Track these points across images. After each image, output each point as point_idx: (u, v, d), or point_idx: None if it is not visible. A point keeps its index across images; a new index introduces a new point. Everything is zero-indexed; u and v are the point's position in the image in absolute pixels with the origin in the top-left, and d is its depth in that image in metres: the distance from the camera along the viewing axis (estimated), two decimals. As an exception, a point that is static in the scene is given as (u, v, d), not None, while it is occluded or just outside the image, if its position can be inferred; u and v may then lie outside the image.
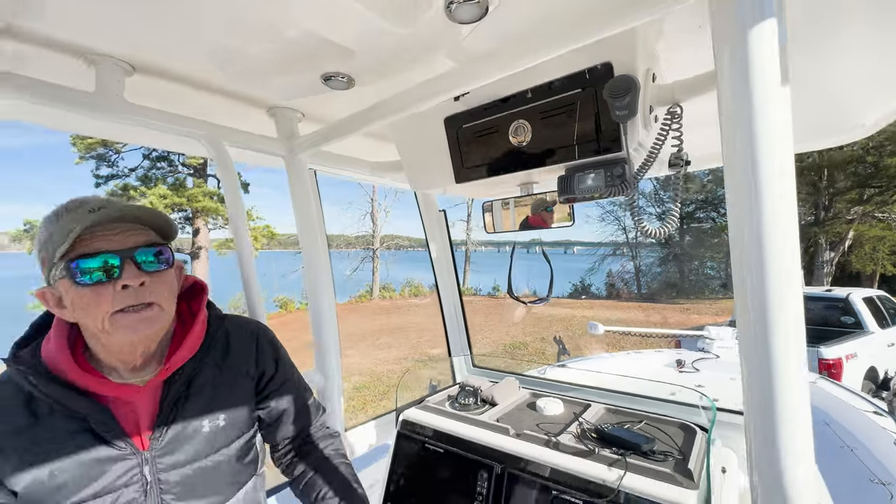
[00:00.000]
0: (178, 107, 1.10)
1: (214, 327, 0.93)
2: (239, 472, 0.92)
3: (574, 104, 1.02)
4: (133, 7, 0.76)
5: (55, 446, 0.75)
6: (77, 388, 0.76)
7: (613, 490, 0.98)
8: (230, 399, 0.91)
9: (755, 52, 0.54)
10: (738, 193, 0.57)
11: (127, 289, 0.75)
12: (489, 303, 18.32)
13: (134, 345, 0.80)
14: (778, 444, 0.56)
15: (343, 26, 0.81)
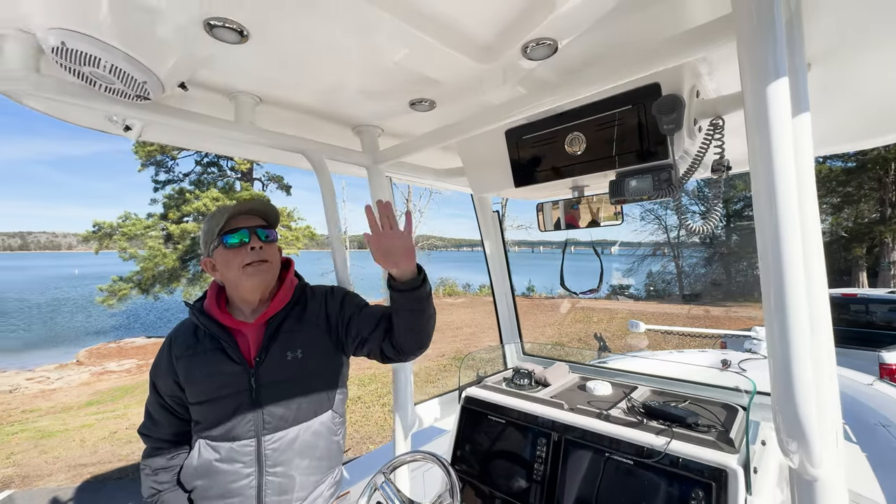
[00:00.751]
0: (288, 128, 1.35)
1: (298, 293, 1.31)
2: (318, 398, 1.26)
3: (625, 118, 1.17)
4: (266, 56, 0.99)
5: (203, 357, 1.20)
6: (218, 322, 1.21)
7: (661, 453, 1.13)
8: (304, 342, 1.25)
9: (773, 78, 0.65)
10: (760, 199, 0.68)
11: (252, 250, 1.19)
12: (524, 303, 18.28)
13: (255, 288, 1.22)
14: (803, 423, 0.63)
15: (435, 64, 1.02)
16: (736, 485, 1.02)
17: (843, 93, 1.18)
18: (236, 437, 1.17)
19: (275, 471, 1.19)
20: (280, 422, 1.20)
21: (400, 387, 1.64)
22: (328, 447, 1.29)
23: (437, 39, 0.88)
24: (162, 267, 16.52)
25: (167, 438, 1.26)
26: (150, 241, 16.43)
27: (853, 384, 3.34)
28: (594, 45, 0.92)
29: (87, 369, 11.94)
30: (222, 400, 1.18)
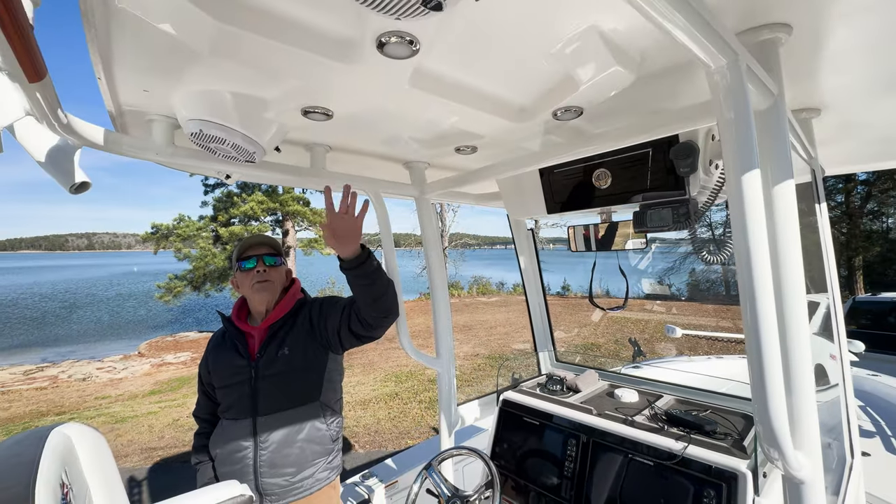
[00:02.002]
0: (350, 167, 1.58)
1: (298, 305, 1.63)
2: (304, 388, 1.57)
3: (647, 159, 1.32)
4: (343, 125, 1.21)
5: (224, 353, 1.58)
6: (235, 326, 1.59)
7: (678, 456, 1.28)
8: (292, 342, 1.56)
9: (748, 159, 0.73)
10: (737, 232, 0.75)
11: (258, 273, 1.56)
12: (559, 302, 18.10)
13: (261, 301, 1.58)
14: (778, 432, 0.74)
15: (478, 124, 1.21)
16: (745, 487, 1.15)
17: (850, 130, 1.28)
18: (238, 416, 1.53)
19: (266, 447, 1.51)
20: (271, 406, 1.53)
21: (443, 389, 1.85)
22: (316, 432, 1.57)
23: (482, 109, 1.08)
24: (212, 266, 17.65)
25: (206, 417, 1.67)
26: (201, 242, 17.60)
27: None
28: (615, 111, 1.09)
29: (147, 361, 13.00)
30: (232, 386, 1.55)
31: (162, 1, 0.65)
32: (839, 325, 1.42)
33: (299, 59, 0.82)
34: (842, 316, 1.43)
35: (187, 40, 0.75)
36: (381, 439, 5.46)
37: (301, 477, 1.54)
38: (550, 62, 0.90)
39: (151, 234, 17.79)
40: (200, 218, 18.28)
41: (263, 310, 1.61)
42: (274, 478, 1.50)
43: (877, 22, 0.77)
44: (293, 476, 1.53)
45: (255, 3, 0.70)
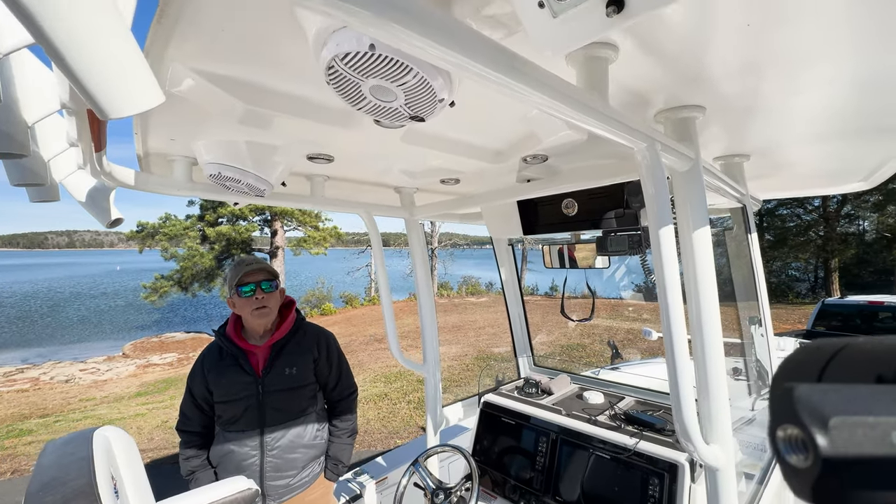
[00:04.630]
0: (345, 191, 1.75)
1: (297, 325, 1.82)
2: (305, 402, 1.77)
3: (607, 193, 1.52)
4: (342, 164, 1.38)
5: (224, 370, 1.69)
6: (236, 344, 1.71)
7: (630, 450, 1.48)
8: (299, 362, 1.76)
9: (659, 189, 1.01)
10: (657, 259, 0.93)
11: (257, 299, 1.69)
12: (546, 302, 18.40)
13: (260, 325, 1.74)
14: (689, 428, 0.92)
15: (460, 164, 1.39)
16: (683, 475, 1.36)
17: (779, 168, 1.50)
18: (245, 428, 1.68)
19: (273, 453, 1.68)
20: (278, 418, 1.70)
21: (430, 392, 2.04)
22: (314, 438, 1.78)
23: (463, 154, 1.26)
24: (199, 266, 17.54)
25: (198, 431, 1.74)
26: (188, 241, 17.48)
27: None
28: (575, 159, 1.28)
29: (132, 362, 12.91)
30: (237, 401, 1.67)
31: (202, 89, 0.82)
32: (767, 331, 1.64)
33: (309, 125, 1.00)
34: (770, 323, 1.65)
35: (217, 115, 0.92)
36: (371, 439, 5.61)
37: (300, 477, 1.72)
38: (518, 123, 1.09)
39: (137, 232, 17.59)
40: (187, 217, 18.14)
41: (262, 330, 1.75)
42: (277, 480, 1.68)
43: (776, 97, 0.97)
44: (293, 478, 1.71)
45: (277, 88, 0.87)
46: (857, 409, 0.18)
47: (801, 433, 0.19)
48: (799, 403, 0.19)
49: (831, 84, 0.87)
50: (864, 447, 0.18)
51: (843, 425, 0.18)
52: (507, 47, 0.54)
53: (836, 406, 0.19)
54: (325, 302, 20.73)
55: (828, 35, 0.69)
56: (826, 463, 0.18)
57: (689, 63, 0.78)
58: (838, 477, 0.18)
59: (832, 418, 0.18)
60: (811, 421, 0.19)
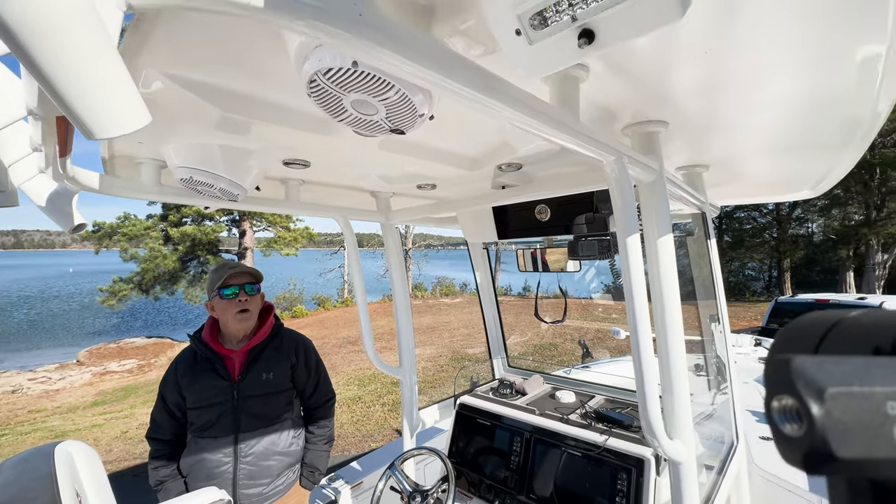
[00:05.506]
0: (321, 195, 1.74)
1: (275, 330, 1.81)
2: (282, 408, 1.75)
3: (579, 200, 1.58)
4: (319, 169, 1.37)
5: (198, 375, 1.65)
6: (212, 349, 1.67)
7: (600, 447, 1.54)
8: (276, 367, 1.74)
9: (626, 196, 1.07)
10: (624, 265, 0.99)
11: (241, 302, 1.67)
12: (520, 303, 18.67)
13: (241, 329, 1.71)
14: (654, 425, 0.99)
15: (437, 171, 1.41)
16: (649, 469, 1.43)
17: (737, 177, 1.60)
18: (219, 434, 1.65)
19: (247, 460, 1.66)
20: (253, 424, 1.68)
21: (406, 395, 2.04)
22: (289, 445, 1.76)
23: (439, 161, 1.28)
24: (162, 268, 16.78)
25: (169, 439, 1.69)
26: (150, 242, 16.69)
27: None
28: (548, 167, 1.33)
29: (87, 370, 12.20)
30: (211, 407, 1.65)
31: (175, 95, 0.80)
32: (725, 329, 1.75)
33: (286, 132, 0.99)
34: (727, 321, 1.76)
35: (190, 120, 0.90)
36: (345, 444, 5.54)
37: (274, 485, 1.69)
38: (493, 134, 1.12)
39: (93, 232, 16.64)
40: (149, 217, 17.31)
41: (242, 335, 1.72)
42: (251, 489, 1.64)
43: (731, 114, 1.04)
44: (267, 486, 1.68)
45: (255, 95, 0.86)
46: (853, 379, 0.19)
47: (796, 403, 0.19)
48: (795, 374, 0.20)
49: (778, 105, 0.95)
50: (859, 417, 0.18)
51: (839, 395, 0.19)
52: (485, 67, 0.56)
53: (832, 377, 0.19)
54: (296, 304, 20.27)
55: (774, 62, 0.75)
56: (819, 432, 0.18)
57: (654, 83, 0.83)
58: (830, 446, 0.18)
59: (828, 389, 0.19)
60: (807, 391, 0.19)
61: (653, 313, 1.08)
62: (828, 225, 21.83)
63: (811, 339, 0.23)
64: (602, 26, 0.46)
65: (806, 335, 0.23)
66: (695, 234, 1.76)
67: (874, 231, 17.35)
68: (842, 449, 0.18)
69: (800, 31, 0.66)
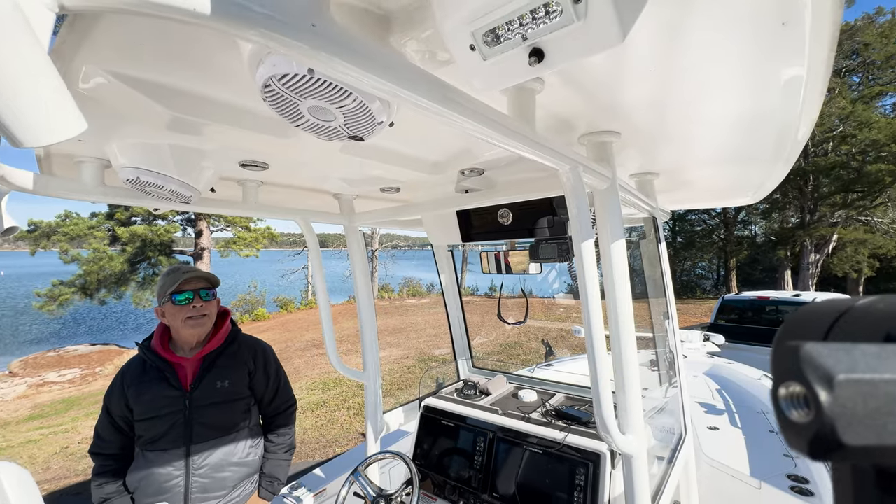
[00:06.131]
0: (282, 199, 1.69)
1: (232, 337, 1.74)
2: (238, 417, 1.70)
3: (539, 205, 1.62)
4: (278, 170, 1.34)
5: (148, 385, 1.58)
6: (162, 357, 1.60)
7: (560, 444, 1.60)
8: (233, 375, 1.69)
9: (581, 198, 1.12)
10: (579, 266, 1.05)
11: (195, 308, 1.60)
12: (486, 303, 18.90)
13: (194, 335, 1.64)
14: (607, 421, 1.04)
15: (400, 174, 1.41)
16: (605, 463, 1.50)
17: (684, 184, 1.71)
18: (169, 447, 1.57)
19: (200, 473, 1.59)
20: (206, 435, 1.61)
21: (370, 400, 2.02)
22: (246, 456, 1.71)
23: (402, 165, 1.29)
24: (108, 270, 15.71)
25: (115, 453, 1.60)
26: (94, 243, 15.58)
27: (744, 378, 4.06)
28: (510, 172, 1.36)
29: (22, 381, 11.23)
30: (161, 418, 1.56)
31: (119, 93, 0.76)
32: (674, 325, 1.86)
33: (242, 133, 0.96)
34: (676, 317, 1.87)
35: (136, 119, 0.86)
36: (308, 450, 5.41)
37: (230, 498, 1.63)
38: (455, 138, 1.13)
39: (28, 232, 15.31)
40: (93, 215, 16.16)
41: (195, 341, 1.65)
42: (205, 502, 1.57)
43: (676, 128, 1.11)
44: (222, 499, 1.61)
45: (207, 95, 0.83)
46: (864, 367, 0.19)
47: (803, 390, 0.19)
48: (804, 361, 0.19)
49: (718, 121, 1.02)
50: (868, 404, 0.18)
51: (849, 383, 0.18)
52: (443, 77, 0.58)
53: (842, 364, 0.19)
54: (257, 307, 19.54)
55: (713, 83, 0.81)
56: (827, 419, 0.18)
57: (605, 96, 0.87)
58: (838, 432, 0.18)
59: (838, 376, 0.19)
60: (816, 379, 0.19)
61: (606, 314, 1.13)
62: (769, 227, 23.62)
63: (820, 326, 0.23)
64: (551, 46, 0.48)
65: (815, 322, 0.23)
66: (647, 238, 1.86)
67: (808, 233, 18.89)
68: (850, 436, 0.18)
69: (735, 57, 0.71)
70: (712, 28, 0.62)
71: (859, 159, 17.83)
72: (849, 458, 0.19)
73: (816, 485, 2.12)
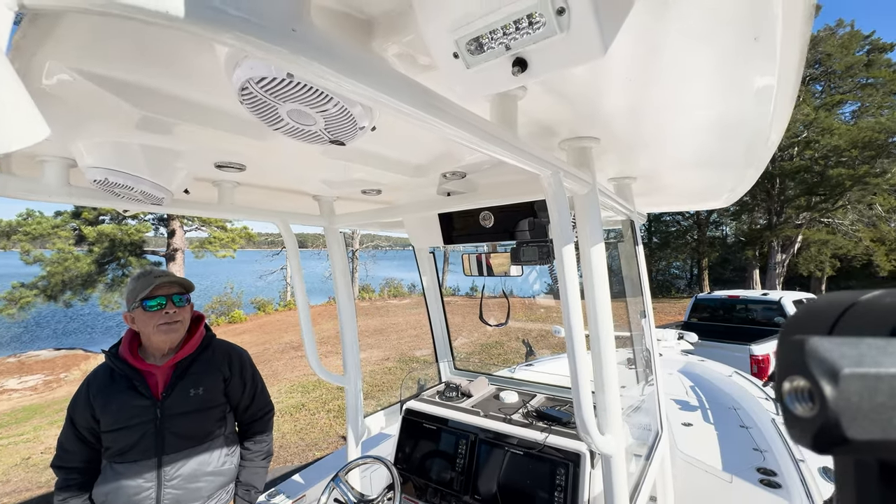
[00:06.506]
0: (259, 200, 1.65)
1: (206, 343, 1.68)
2: (213, 425, 1.64)
3: (520, 208, 1.64)
4: (254, 172, 1.30)
5: (116, 395, 1.51)
6: (131, 365, 1.53)
7: (541, 445, 1.61)
8: (207, 382, 1.63)
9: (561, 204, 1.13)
10: (560, 269, 1.08)
11: (167, 314, 1.53)
12: (467, 303, 18.96)
13: (166, 342, 1.57)
14: (587, 423, 1.05)
15: (382, 177, 1.40)
16: (585, 463, 1.52)
17: (659, 188, 1.75)
18: (139, 458, 1.50)
19: (172, 484, 1.53)
20: (179, 445, 1.55)
21: (350, 403, 2.00)
22: (222, 465, 1.66)
23: (383, 168, 1.27)
24: (74, 271, 15.05)
25: (80, 466, 1.52)
26: (59, 243, 14.89)
27: (716, 375, 4.20)
28: (491, 175, 1.37)
29: (-21, 389, 10.66)
30: (130, 428, 1.49)
31: (85, 91, 0.72)
32: (650, 324, 1.91)
33: (218, 134, 0.93)
34: (652, 316, 1.92)
35: (104, 118, 0.82)
36: (287, 454, 5.30)
37: None
38: (437, 142, 1.13)
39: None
40: (58, 214, 15.45)
41: (167, 348, 1.59)
42: None
43: (653, 134, 1.13)
44: None
45: (181, 95, 0.80)
46: (869, 361, 0.18)
47: (808, 384, 0.19)
48: (809, 355, 0.19)
49: (692, 128, 1.05)
50: (874, 399, 0.18)
51: (854, 377, 0.18)
52: (425, 83, 0.57)
53: (848, 358, 0.19)
54: (234, 309, 19.05)
55: (689, 93, 0.83)
56: (832, 413, 0.18)
57: (586, 103, 0.89)
58: (842, 427, 0.18)
59: (843, 370, 0.18)
60: (821, 373, 0.19)
61: (586, 315, 1.15)
62: (738, 228, 24.53)
63: (826, 320, 0.23)
64: (534, 57, 0.49)
65: (821, 316, 0.23)
66: (625, 239, 1.90)
67: (775, 234, 19.71)
68: (854, 430, 0.18)
69: (710, 68, 0.74)
70: (689, 41, 0.63)
71: (822, 164, 18.72)
72: (853, 452, 0.19)
73: (784, 477, 2.21)
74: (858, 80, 19.88)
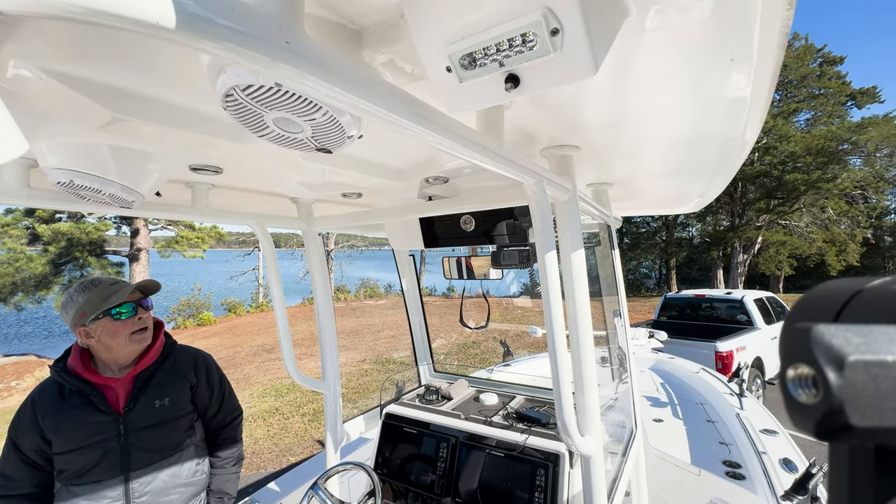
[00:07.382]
0: (235, 203, 1.60)
1: (167, 351, 1.60)
2: (181, 435, 1.58)
3: (501, 212, 1.65)
4: (232, 175, 1.27)
5: (72, 412, 1.38)
6: (85, 380, 1.41)
7: (521, 446, 1.64)
8: (173, 391, 1.55)
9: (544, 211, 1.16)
10: (542, 273, 1.11)
11: (140, 319, 1.46)
12: (444, 303, 18.99)
13: (136, 351, 1.48)
14: (568, 425, 1.08)
15: (363, 181, 1.38)
16: (564, 463, 1.55)
17: (634, 194, 1.81)
18: (102, 478, 1.39)
19: (142, 501, 1.45)
20: (148, 458, 1.47)
21: (329, 409, 1.96)
22: (193, 475, 1.60)
23: (365, 172, 1.26)
24: (27, 272, 14.17)
25: (28, 493, 1.37)
26: (9, 242, 13.99)
27: (685, 371, 4.37)
28: (473, 180, 1.37)
29: (-84, 400, 9.88)
30: (90, 447, 1.37)
31: (51, 90, 0.68)
32: (625, 323, 1.97)
33: (193, 136, 0.90)
34: (626, 315, 1.98)
35: (71, 119, 0.77)
36: (260, 461, 5.16)
37: None
38: (420, 147, 1.13)
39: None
40: (9, 211, 14.50)
41: (132, 358, 1.50)
42: None
43: (629, 145, 1.17)
44: None
45: (155, 96, 0.77)
46: (875, 348, 0.18)
47: (812, 371, 0.19)
48: (814, 343, 0.19)
49: (666, 139, 1.10)
50: (879, 386, 0.18)
51: (859, 364, 0.18)
52: (413, 93, 0.57)
53: (853, 346, 0.19)
54: (202, 311, 18.38)
55: (663, 106, 0.87)
56: (836, 400, 0.18)
57: (569, 114, 0.91)
58: (846, 414, 0.18)
59: (849, 357, 0.18)
60: (826, 360, 0.19)
61: (567, 316, 1.17)
62: (704, 230, 25.59)
63: (831, 307, 0.22)
64: (527, 74, 0.49)
65: (825, 303, 0.23)
66: (601, 243, 1.95)
67: (737, 235, 20.68)
68: (858, 417, 0.18)
69: (687, 84, 0.77)
70: (668, 60, 0.66)
71: (780, 169, 19.79)
72: (855, 439, 0.19)
73: (748, 468, 2.33)
74: (812, 90, 21.14)
